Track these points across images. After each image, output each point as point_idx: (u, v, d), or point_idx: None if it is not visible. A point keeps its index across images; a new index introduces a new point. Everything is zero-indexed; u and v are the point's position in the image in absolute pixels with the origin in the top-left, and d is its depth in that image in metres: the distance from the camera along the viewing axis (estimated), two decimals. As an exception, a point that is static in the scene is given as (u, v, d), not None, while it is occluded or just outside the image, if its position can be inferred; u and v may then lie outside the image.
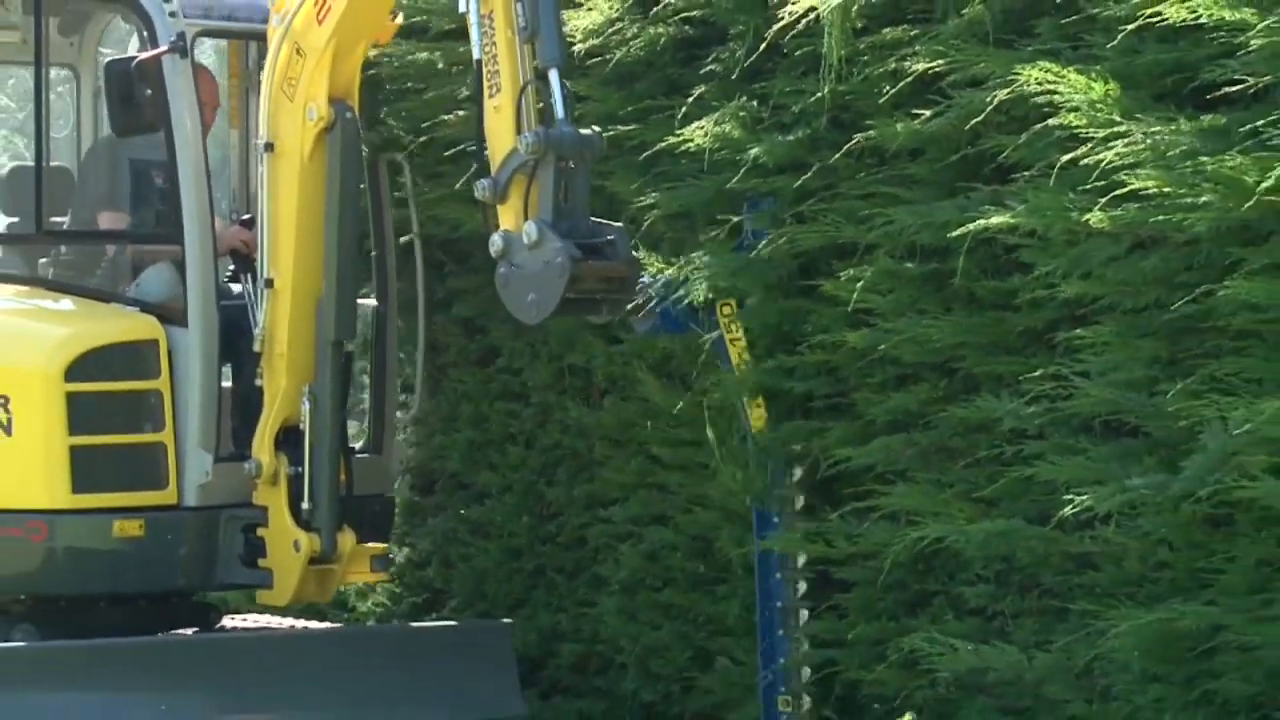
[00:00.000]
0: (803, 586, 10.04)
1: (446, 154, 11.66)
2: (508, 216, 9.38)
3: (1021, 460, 9.27)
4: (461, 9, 9.66)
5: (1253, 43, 8.18)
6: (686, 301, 9.81)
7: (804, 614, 10.46)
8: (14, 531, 10.19)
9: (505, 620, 11.13)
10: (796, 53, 10.19)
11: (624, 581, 11.57)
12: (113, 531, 10.15)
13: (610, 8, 10.94)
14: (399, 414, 11.70)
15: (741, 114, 10.45)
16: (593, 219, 9.43)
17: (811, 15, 9.83)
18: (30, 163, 11.48)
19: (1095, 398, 8.88)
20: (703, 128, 10.44)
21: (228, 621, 11.43)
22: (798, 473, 10.49)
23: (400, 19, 10.87)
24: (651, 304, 9.79)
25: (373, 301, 10.96)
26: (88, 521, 10.22)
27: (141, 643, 10.43)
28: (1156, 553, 8.87)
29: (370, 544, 10.61)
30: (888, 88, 9.64)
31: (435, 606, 13.06)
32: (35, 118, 10.99)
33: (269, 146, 10.30)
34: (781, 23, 9.98)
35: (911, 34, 9.59)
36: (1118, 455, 8.87)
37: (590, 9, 10.89)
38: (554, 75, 9.30)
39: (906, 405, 10.00)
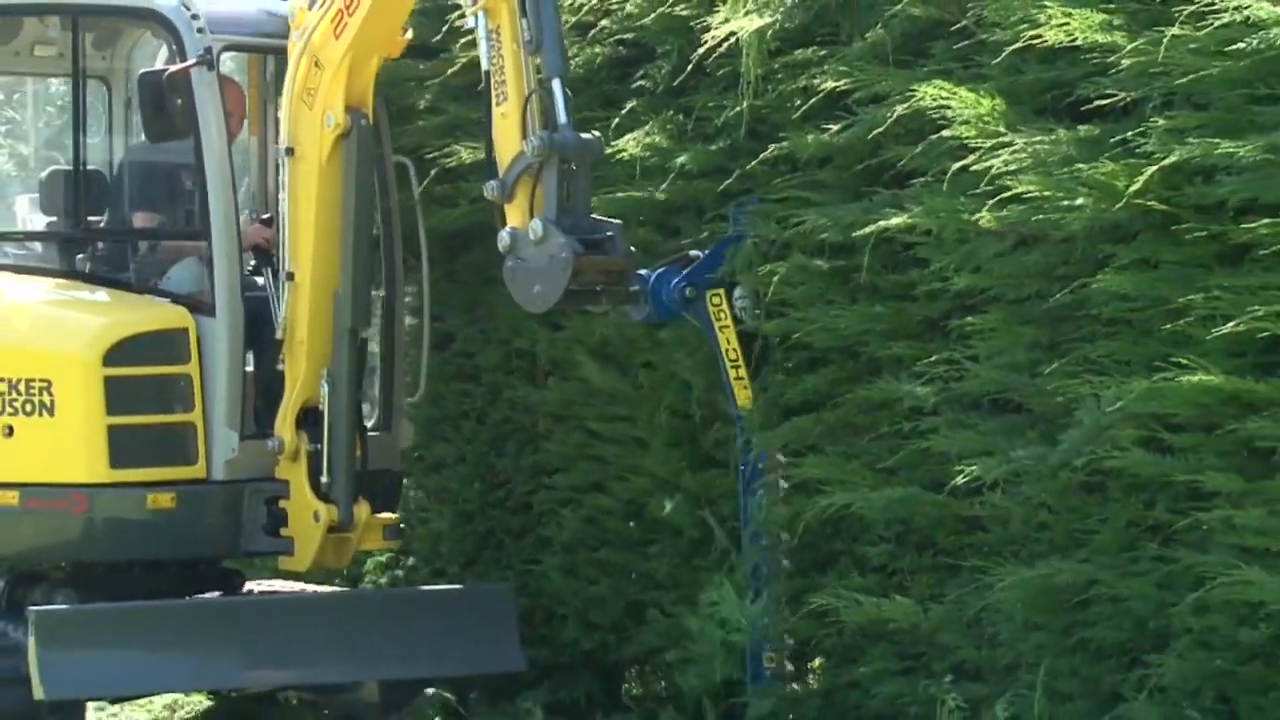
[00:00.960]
0: (785, 563, 9.93)
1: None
2: (514, 215, 9.33)
3: (919, 434, 9.33)
4: (470, 24, 9.62)
5: (1122, 62, 8.25)
6: (679, 292, 9.71)
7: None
8: (57, 504, 10.11)
9: (505, 584, 11.07)
10: (718, 72, 10.19)
11: (565, 542, 11.58)
12: (147, 503, 10.08)
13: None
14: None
15: (669, 126, 10.47)
16: (592, 217, 9.40)
17: (731, 38, 9.83)
18: (65, 167, 11.38)
19: (984, 378, 8.96)
20: (635, 138, 10.47)
21: (250, 586, 11.35)
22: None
23: (410, 34, 10.74)
24: (646, 294, 9.66)
25: (382, 292, 10.88)
26: (124, 494, 10.13)
27: (174, 605, 10.36)
28: (1037, 516, 8.92)
29: (383, 514, 10.56)
30: (799, 103, 9.67)
31: (395, 566, 13.09)
32: (73, 125, 10.91)
33: (289, 151, 10.23)
34: (705, 45, 9.99)
35: (820, 55, 9.61)
36: (1003, 429, 8.95)
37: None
38: (557, 84, 9.25)
39: (817, 386, 10.02)
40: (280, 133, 10.27)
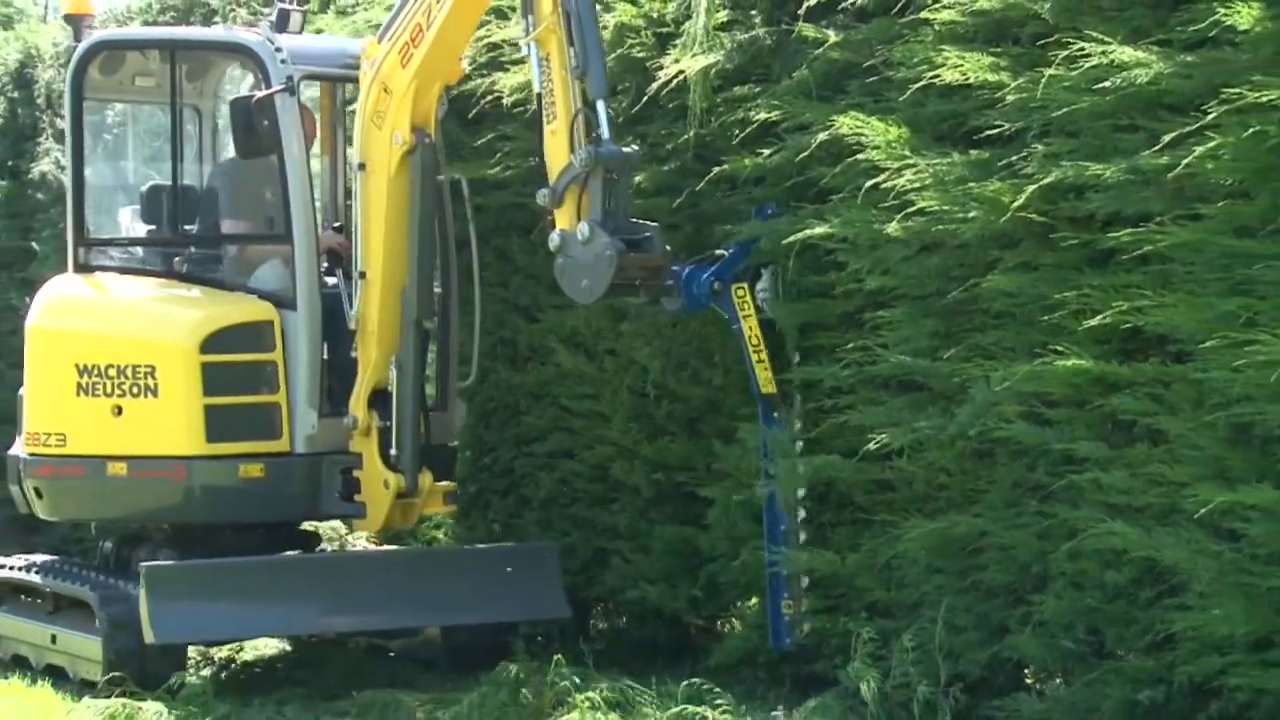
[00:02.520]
0: (802, 513, 9.61)
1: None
2: (563, 218, 9.15)
3: (838, 410, 9.36)
4: (524, 52, 9.50)
5: (1008, 98, 8.30)
6: (708, 286, 9.44)
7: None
8: (160, 473, 10.04)
9: (552, 542, 10.82)
10: (669, 105, 10.13)
11: (541, 500, 11.51)
12: (239, 473, 10.02)
13: (530, 70, 10.75)
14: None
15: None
16: (632, 219, 9.22)
17: (680, 76, 9.82)
18: (162, 182, 11.25)
19: (893, 363, 8.96)
20: None
21: (325, 546, 11.38)
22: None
23: (466, 64, 10.66)
24: (680, 287, 9.41)
25: (439, 289, 10.69)
26: (219, 465, 10.06)
27: (262, 561, 10.26)
28: (938, 478, 8.96)
29: (442, 483, 10.43)
30: (738, 131, 9.64)
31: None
32: (171, 146, 10.85)
33: (361, 166, 10.11)
34: (658, 82, 9.96)
35: (755, 91, 9.59)
36: (909, 405, 8.98)
37: (516, 72, 10.70)
38: (600, 105, 9.08)
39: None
40: (353, 150, 10.18)
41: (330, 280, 10.42)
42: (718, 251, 9.38)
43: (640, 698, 9.45)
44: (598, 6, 9.60)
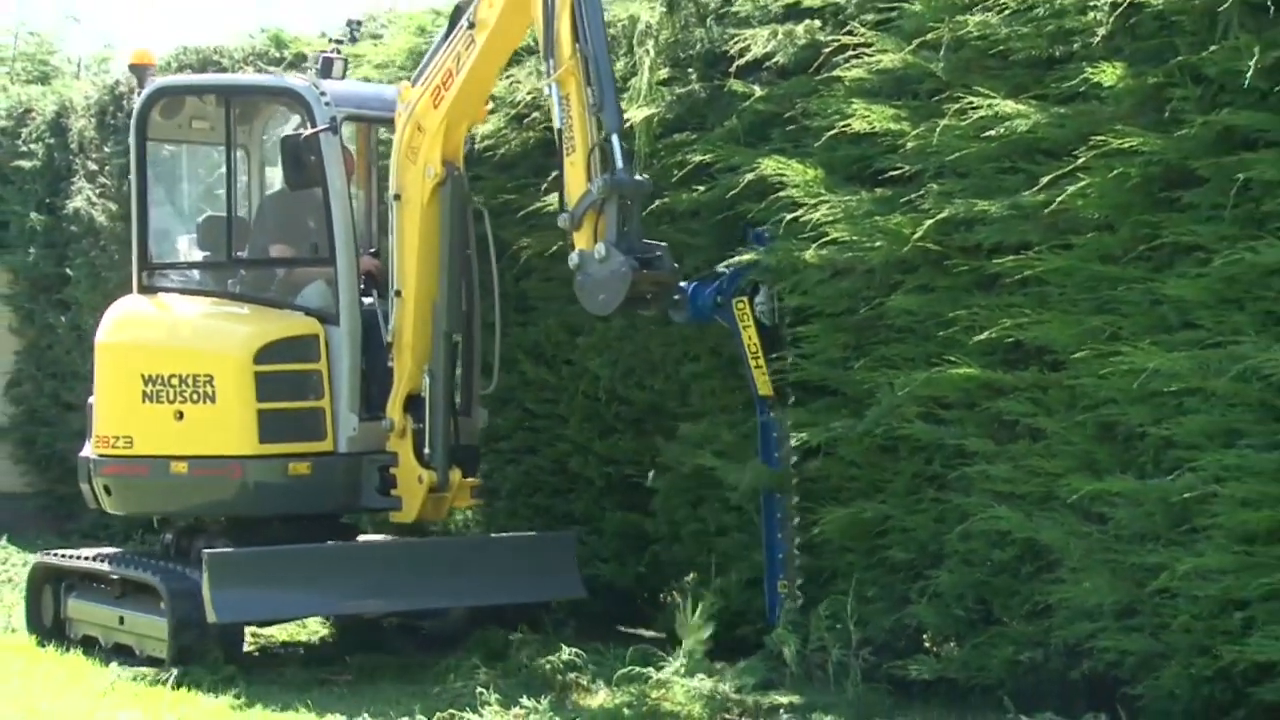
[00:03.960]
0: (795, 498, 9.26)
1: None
2: (582, 239, 8.81)
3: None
4: (546, 92, 9.19)
5: (907, 144, 8.34)
6: (712, 299, 9.17)
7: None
8: (218, 471, 9.83)
9: (569, 532, 10.45)
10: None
11: (509, 490, 11.43)
12: (288, 470, 9.78)
13: (498, 119, 10.74)
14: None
15: None
16: (644, 240, 8.87)
17: (627, 124, 9.61)
18: (217, 213, 11.04)
19: (811, 371, 8.99)
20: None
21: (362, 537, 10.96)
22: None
23: (490, 106, 10.45)
24: (686, 300, 9.10)
25: (464, 306, 10.32)
26: (270, 464, 9.78)
27: (311, 549, 9.98)
28: (849, 471, 8.96)
29: (469, 479, 10.14)
30: (677, 171, 9.62)
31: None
32: (226, 181, 10.67)
33: (397, 197, 9.86)
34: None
35: (691, 138, 9.58)
36: (825, 408, 8.99)
37: (485, 122, 10.60)
38: (615, 138, 8.73)
39: (689, 386, 10.08)
40: (390, 182, 9.96)
41: (366, 300, 10.24)
42: (719, 269, 9.22)
43: (594, 660, 9.45)
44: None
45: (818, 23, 9.07)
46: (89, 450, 10.56)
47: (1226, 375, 7.06)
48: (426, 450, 9.78)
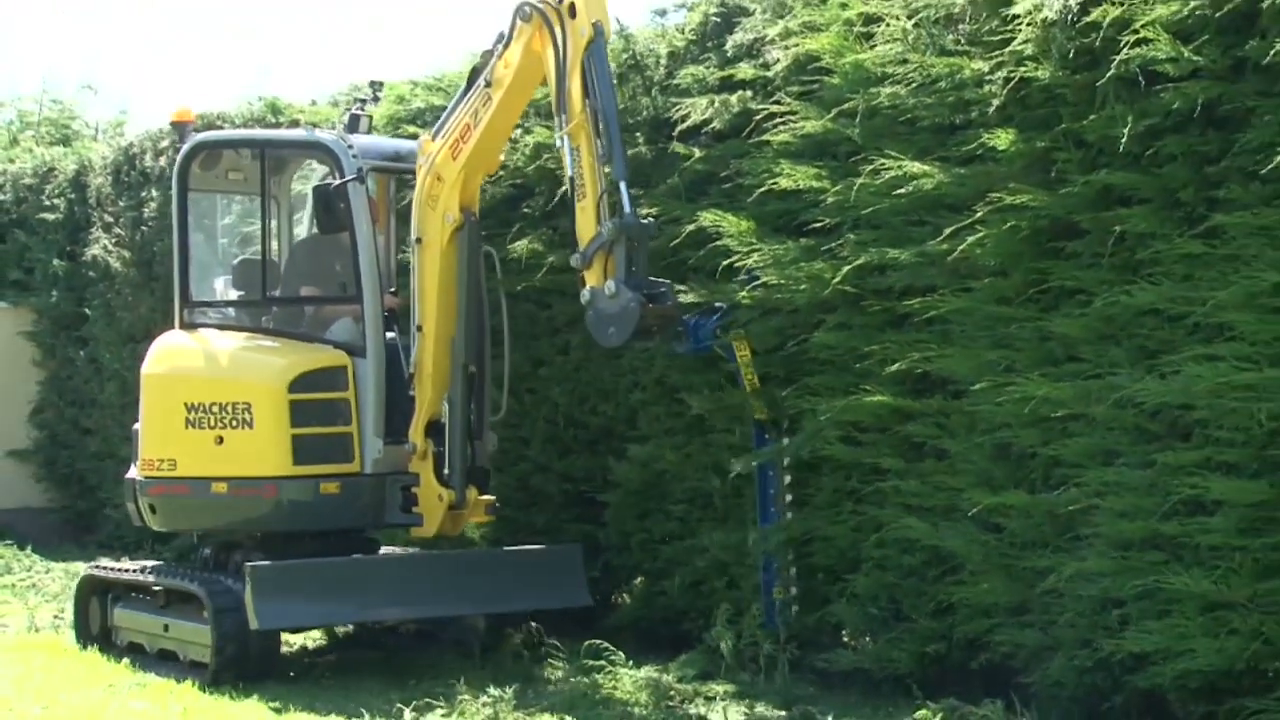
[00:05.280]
0: (789, 497, 8.95)
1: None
2: (593, 277, 8.53)
3: (701, 433, 9.48)
4: (558, 144, 8.89)
5: (828, 199, 8.36)
6: (711, 332, 8.91)
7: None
8: (255, 491, 9.58)
9: (576, 544, 10.07)
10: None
11: None
12: (319, 490, 9.52)
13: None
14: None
15: (543, 238, 10.34)
16: (650, 278, 8.62)
17: None
18: (250, 256, 10.82)
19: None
20: (522, 245, 10.35)
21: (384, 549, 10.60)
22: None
23: (502, 157, 10.23)
24: (688, 333, 8.85)
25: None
26: (303, 484, 9.54)
27: (344, 561, 9.69)
28: (781, 488, 8.93)
29: (484, 497, 9.88)
30: None
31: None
32: (261, 227, 10.42)
33: (418, 240, 9.58)
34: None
35: (639, 193, 9.33)
36: (757, 433, 8.97)
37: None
38: (623, 185, 8.46)
39: (637, 412, 10.04)
40: (411, 227, 9.72)
41: (389, 334, 10.00)
42: (717, 304, 8.96)
43: (553, 653, 9.46)
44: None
45: (749, 93, 9.11)
46: (135, 472, 10.30)
47: (1105, 402, 7.12)
48: (445, 471, 9.59)
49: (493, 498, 9.99)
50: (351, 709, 8.50)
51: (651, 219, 8.90)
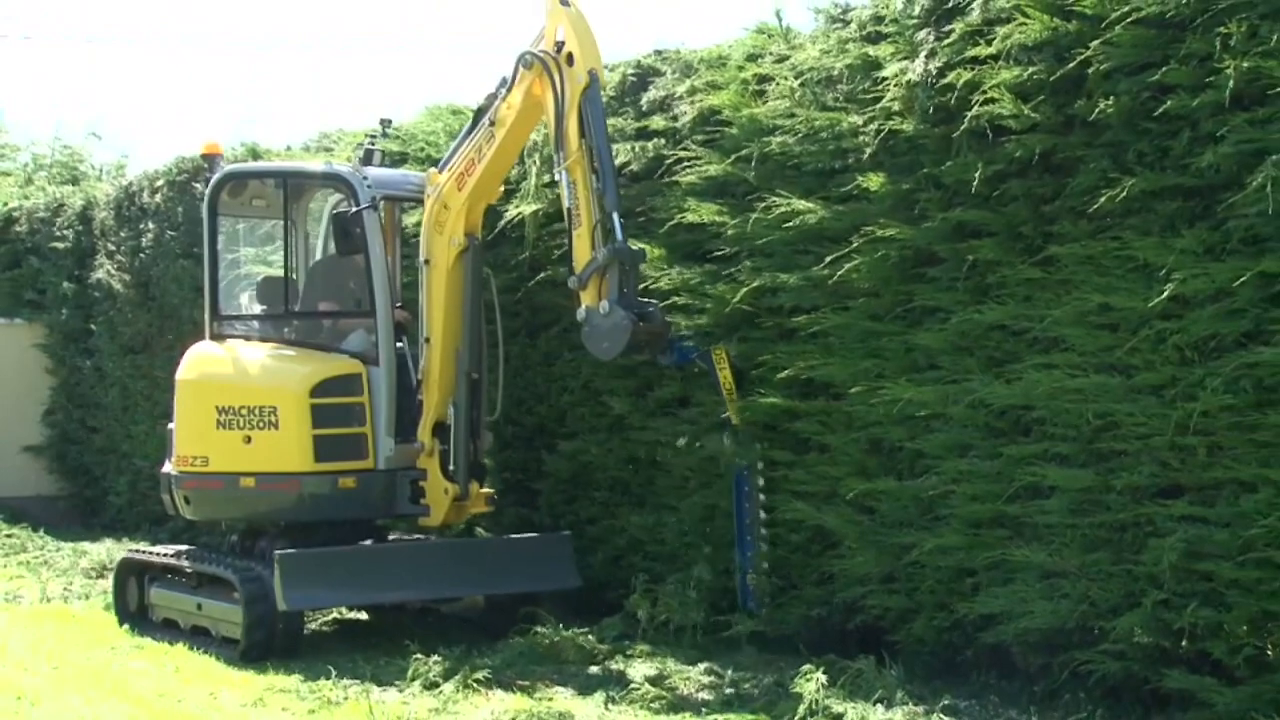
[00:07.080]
0: (761, 497, 8.56)
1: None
2: (588, 298, 8.25)
3: (620, 430, 9.43)
4: (556, 177, 8.67)
5: (728, 231, 8.36)
6: (692, 345, 8.58)
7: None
8: (280, 486, 9.33)
9: (567, 533, 9.70)
10: (513, 234, 10.00)
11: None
12: (338, 484, 9.28)
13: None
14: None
15: (488, 261, 9.99)
16: (639, 299, 8.36)
17: (519, 216, 9.79)
18: (273, 273, 10.57)
19: (661, 398, 8.99)
20: None
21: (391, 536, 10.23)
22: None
23: (503, 188, 9.77)
24: (674, 348, 8.53)
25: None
26: (323, 479, 9.25)
27: (362, 548, 9.48)
28: (690, 470, 8.90)
29: (484, 490, 9.67)
30: (557, 252, 9.60)
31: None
32: (284, 249, 10.19)
33: (426, 262, 9.37)
34: (505, 220, 9.91)
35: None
36: (670, 425, 8.92)
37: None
38: (615, 215, 8.22)
39: (566, 412, 9.93)
40: (420, 250, 9.50)
41: (398, 345, 9.74)
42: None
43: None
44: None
45: (661, 141, 9.11)
46: (170, 467, 10.03)
47: (961, 404, 7.18)
48: (450, 467, 9.40)
49: (491, 490, 9.80)
50: (320, 668, 8.43)
51: (642, 247, 8.58)
